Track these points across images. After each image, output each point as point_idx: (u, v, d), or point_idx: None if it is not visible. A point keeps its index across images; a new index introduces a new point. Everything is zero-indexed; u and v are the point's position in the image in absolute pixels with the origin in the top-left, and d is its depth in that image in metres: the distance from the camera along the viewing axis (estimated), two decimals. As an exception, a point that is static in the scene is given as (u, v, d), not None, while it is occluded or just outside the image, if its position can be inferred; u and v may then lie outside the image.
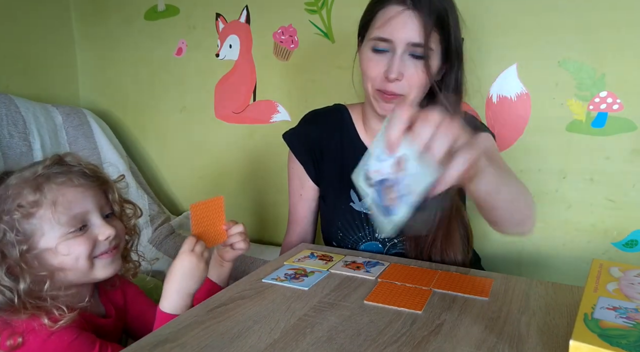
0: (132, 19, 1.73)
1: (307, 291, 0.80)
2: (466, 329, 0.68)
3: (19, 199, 0.76)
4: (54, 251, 0.77)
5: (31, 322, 0.74)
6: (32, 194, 0.76)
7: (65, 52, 1.83)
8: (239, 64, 1.57)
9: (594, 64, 1.12)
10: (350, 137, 1.05)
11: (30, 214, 0.76)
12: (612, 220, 1.16)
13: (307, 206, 1.11)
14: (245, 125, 1.60)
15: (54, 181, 0.79)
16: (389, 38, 0.88)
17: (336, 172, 1.04)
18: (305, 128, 1.08)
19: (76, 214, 0.79)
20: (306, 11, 1.42)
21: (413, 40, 0.86)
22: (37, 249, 0.77)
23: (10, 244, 0.74)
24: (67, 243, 0.78)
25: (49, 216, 0.77)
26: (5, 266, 0.74)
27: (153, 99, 1.77)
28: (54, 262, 0.78)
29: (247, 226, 1.70)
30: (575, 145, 1.16)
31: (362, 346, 0.63)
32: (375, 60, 0.90)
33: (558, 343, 0.64)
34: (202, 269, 0.83)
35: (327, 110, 1.10)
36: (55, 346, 0.74)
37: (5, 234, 0.75)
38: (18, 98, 1.48)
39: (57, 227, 0.77)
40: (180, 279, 0.81)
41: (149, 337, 0.66)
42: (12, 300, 0.73)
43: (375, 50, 0.91)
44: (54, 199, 0.77)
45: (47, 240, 0.77)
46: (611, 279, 0.65)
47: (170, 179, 1.82)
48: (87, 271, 0.80)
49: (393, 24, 0.87)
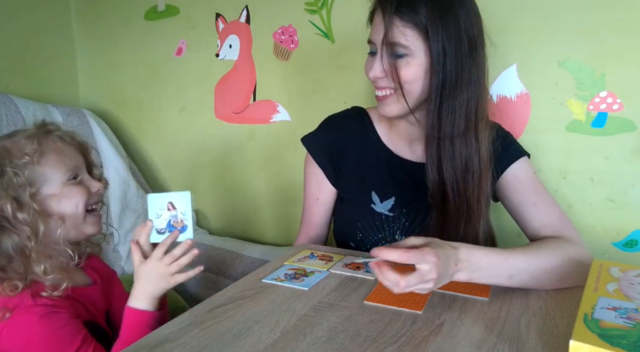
0: (132, 19, 1.73)
1: (307, 291, 0.80)
2: (466, 329, 0.68)
3: (23, 149, 0.83)
4: (57, 197, 0.84)
5: (23, 299, 0.77)
6: (34, 145, 0.83)
7: (65, 52, 1.83)
8: (239, 64, 1.57)
9: (594, 64, 1.12)
10: (370, 139, 1.06)
11: (34, 162, 0.82)
12: (612, 220, 1.16)
13: (324, 210, 1.10)
14: (245, 125, 1.60)
15: (50, 137, 0.87)
16: (371, 39, 0.93)
17: (357, 174, 1.05)
18: (324, 132, 1.09)
19: (73, 165, 0.87)
20: (306, 11, 1.42)
21: (389, 39, 0.88)
22: (40, 195, 0.83)
23: (21, 187, 0.80)
24: (69, 188, 0.85)
25: (52, 163, 0.84)
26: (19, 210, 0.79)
27: (153, 99, 1.77)
28: (56, 209, 0.84)
29: (247, 226, 1.71)
30: (575, 145, 1.16)
31: (362, 346, 0.63)
32: (369, 62, 0.95)
33: (558, 343, 0.64)
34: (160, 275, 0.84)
35: (345, 113, 1.10)
36: (42, 330, 0.76)
37: (14, 177, 0.80)
38: (18, 98, 1.48)
39: (59, 174, 0.85)
40: (144, 282, 0.84)
41: (149, 337, 0.66)
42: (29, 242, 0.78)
43: (369, 53, 0.95)
44: (55, 149, 0.86)
45: (50, 186, 0.84)
46: (611, 279, 0.65)
47: (170, 179, 1.82)
48: (80, 222, 0.87)
49: (375, 26, 0.92)
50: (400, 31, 0.86)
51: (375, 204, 1.03)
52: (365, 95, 1.37)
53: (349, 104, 1.15)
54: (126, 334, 0.82)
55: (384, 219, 1.02)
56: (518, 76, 1.19)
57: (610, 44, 1.09)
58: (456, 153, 0.92)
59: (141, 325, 0.82)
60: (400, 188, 1.02)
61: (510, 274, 0.79)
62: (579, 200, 1.18)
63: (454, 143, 0.91)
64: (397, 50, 0.88)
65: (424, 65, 0.88)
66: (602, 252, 1.18)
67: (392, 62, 0.89)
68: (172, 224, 0.88)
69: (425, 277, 0.69)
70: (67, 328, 0.78)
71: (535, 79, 1.18)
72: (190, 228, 0.88)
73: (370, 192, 1.03)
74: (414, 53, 0.88)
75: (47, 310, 0.78)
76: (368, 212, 1.02)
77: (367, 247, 1.03)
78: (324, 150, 1.07)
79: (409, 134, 1.02)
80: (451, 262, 0.73)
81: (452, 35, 0.87)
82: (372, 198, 1.03)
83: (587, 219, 1.18)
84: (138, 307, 0.83)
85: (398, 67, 0.89)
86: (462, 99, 0.89)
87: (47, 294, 0.79)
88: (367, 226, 1.02)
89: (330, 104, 1.40)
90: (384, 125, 1.06)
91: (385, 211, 1.02)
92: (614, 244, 1.17)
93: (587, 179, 1.17)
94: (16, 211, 0.79)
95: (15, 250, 0.78)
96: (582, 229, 1.18)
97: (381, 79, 0.91)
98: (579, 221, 1.18)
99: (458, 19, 0.87)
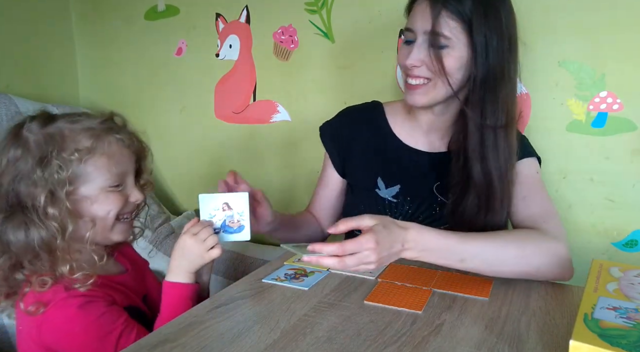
0: (132, 19, 1.72)
1: (307, 291, 0.80)
2: (466, 329, 0.68)
3: (76, 143, 0.80)
4: (92, 200, 0.81)
5: (57, 293, 0.77)
6: (89, 142, 0.80)
7: (65, 52, 1.82)
8: (239, 64, 1.57)
9: (594, 64, 1.12)
10: (382, 129, 1.09)
11: (83, 160, 0.79)
12: (612, 220, 1.16)
13: (328, 195, 1.16)
14: (245, 125, 1.60)
15: (111, 135, 0.84)
16: (411, 28, 0.93)
17: (365, 160, 1.08)
18: (337, 120, 1.14)
19: (120, 172, 0.84)
20: (306, 11, 1.42)
21: (426, 28, 0.90)
22: (76, 195, 0.80)
23: (61, 182, 0.77)
24: (105, 195, 0.82)
25: (99, 166, 0.81)
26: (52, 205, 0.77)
27: (153, 99, 1.77)
28: (87, 211, 0.81)
29: (247, 226, 1.70)
30: (575, 145, 1.16)
31: (362, 346, 0.63)
32: (404, 50, 0.95)
33: (558, 343, 0.64)
34: (196, 251, 0.84)
35: (362, 106, 1.15)
36: (82, 319, 0.76)
37: (58, 171, 0.77)
38: (18, 98, 1.48)
39: (102, 179, 0.81)
40: (178, 256, 0.85)
41: (150, 337, 0.66)
42: (55, 239, 0.76)
43: (405, 41, 0.96)
44: (108, 151, 0.82)
45: (89, 188, 0.81)
46: (611, 279, 0.65)
47: (170, 179, 1.82)
48: (108, 229, 0.84)
49: (415, 15, 0.93)
50: (446, 22, 0.89)
51: (380, 189, 1.05)
52: (365, 96, 1.36)
53: (349, 104, 1.15)
54: (167, 309, 0.83)
55: (387, 205, 1.04)
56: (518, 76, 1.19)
57: (610, 44, 1.09)
58: (500, 144, 0.94)
59: (180, 299, 0.83)
60: (407, 176, 1.04)
61: (461, 258, 0.81)
62: (579, 200, 1.18)
63: (497, 135, 0.94)
64: (439, 41, 0.89)
65: (463, 58, 0.91)
66: (602, 252, 1.18)
67: (434, 52, 0.90)
68: (227, 224, 0.90)
69: (364, 260, 0.73)
70: (107, 315, 0.78)
71: (535, 79, 1.18)
72: (247, 229, 0.91)
73: (377, 177, 1.06)
74: (454, 45, 0.90)
75: (84, 300, 0.77)
76: (372, 196, 1.05)
77: None
78: (332, 135, 1.12)
79: (431, 125, 1.04)
80: (397, 243, 0.76)
81: (494, 29, 0.90)
82: (378, 183, 1.05)
83: (587, 219, 1.18)
84: (176, 280, 0.84)
85: (436, 56, 0.90)
86: (504, 93, 0.93)
87: (79, 286, 0.78)
88: (369, 210, 1.02)
89: (330, 104, 1.40)
90: (398, 117, 1.09)
91: (389, 197, 1.04)
92: (614, 244, 1.17)
93: (587, 179, 1.17)
94: (48, 205, 0.76)
95: (40, 246, 0.76)
96: (582, 229, 1.18)
97: (418, 68, 0.92)
98: (579, 221, 1.18)
99: (500, 14, 0.90)
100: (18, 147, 0.78)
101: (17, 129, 0.81)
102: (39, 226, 0.76)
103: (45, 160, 0.77)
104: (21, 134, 0.80)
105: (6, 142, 0.80)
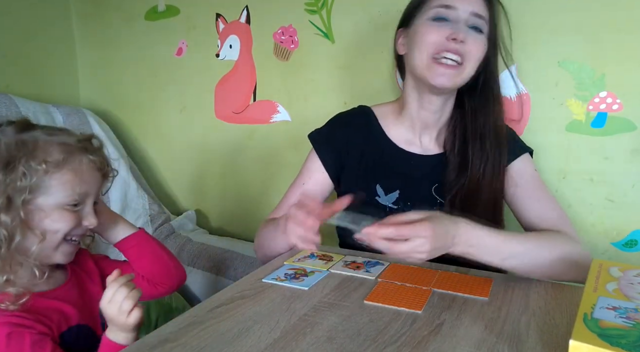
0: (133, 19, 1.73)
1: (307, 290, 0.80)
2: (466, 329, 0.68)
3: (47, 154, 0.78)
4: (45, 214, 0.78)
5: None
6: (60, 156, 0.78)
7: (66, 52, 1.82)
8: (239, 64, 1.57)
9: (594, 64, 1.12)
10: (375, 134, 1.07)
11: (49, 172, 0.77)
12: (612, 220, 1.16)
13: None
14: (245, 126, 1.60)
15: (83, 154, 0.82)
16: (452, 5, 0.91)
17: (362, 168, 1.06)
18: (330, 129, 1.10)
19: (82, 192, 0.81)
20: (306, 11, 1.42)
21: (476, 11, 0.89)
22: (31, 205, 0.77)
23: (21, 190, 0.75)
24: (60, 212, 0.79)
25: (63, 181, 0.78)
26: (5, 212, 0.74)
27: (153, 99, 1.77)
28: (37, 224, 0.78)
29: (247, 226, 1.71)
30: (575, 145, 1.16)
31: (362, 345, 0.63)
32: (437, 26, 0.92)
33: (558, 343, 0.64)
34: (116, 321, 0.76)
35: (352, 111, 1.12)
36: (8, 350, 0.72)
37: (21, 179, 0.75)
38: (18, 98, 1.48)
39: (62, 195, 0.79)
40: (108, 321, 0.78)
41: (150, 337, 0.66)
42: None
43: (436, 19, 0.92)
44: (76, 169, 0.80)
45: (46, 200, 0.78)
46: (611, 279, 0.65)
47: (170, 179, 1.82)
48: (53, 247, 0.80)
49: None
50: (485, 6, 0.91)
51: (380, 196, 1.04)
52: (365, 96, 1.37)
53: (349, 104, 1.15)
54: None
55: (388, 212, 1.03)
56: (518, 76, 1.19)
57: (610, 44, 1.10)
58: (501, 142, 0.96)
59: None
60: (405, 181, 1.03)
61: (503, 257, 0.82)
62: (579, 200, 1.18)
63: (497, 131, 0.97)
64: (481, 24, 0.91)
65: (485, 46, 0.93)
66: (601, 252, 1.18)
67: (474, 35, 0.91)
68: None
69: (417, 249, 0.73)
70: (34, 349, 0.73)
71: (535, 79, 1.18)
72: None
73: (375, 185, 1.04)
74: (484, 32, 0.92)
75: (9, 329, 0.72)
76: (372, 204, 1.04)
77: None
78: (328, 145, 1.08)
79: (425, 124, 1.04)
80: (449, 236, 0.77)
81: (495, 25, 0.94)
82: (377, 191, 1.04)
83: (587, 219, 1.18)
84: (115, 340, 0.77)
85: (480, 40, 0.91)
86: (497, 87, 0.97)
87: (7, 305, 0.73)
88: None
89: (330, 104, 1.40)
90: (389, 121, 1.08)
91: (390, 204, 1.03)
92: (614, 244, 1.17)
93: (587, 179, 1.17)
94: (2, 211, 0.74)
95: None
96: (582, 229, 1.18)
97: (462, 44, 0.90)
98: (578, 221, 1.18)
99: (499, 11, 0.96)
100: None
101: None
102: None
103: (11, 166, 0.75)
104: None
105: None
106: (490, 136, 0.97)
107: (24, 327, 0.74)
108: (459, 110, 1.03)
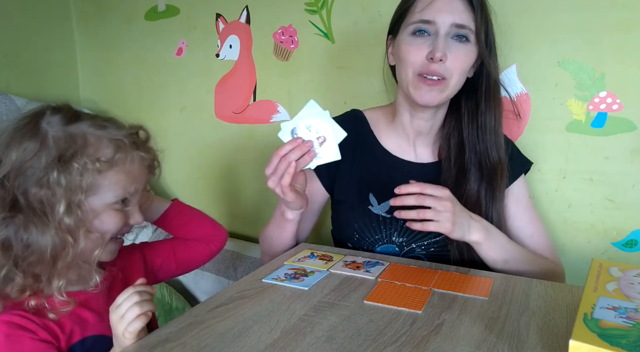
0: (133, 19, 1.73)
1: (307, 290, 0.80)
2: (466, 329, 0.68)
3: (99, 152, 0.73)
4: (95, 214, 0.73)
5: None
6: (111, 154, 0.74)
7: (66, 52, 1.83)
8: (239, 64, 1.57)
9: (594, 64, 1.12)
10: (368, 141, 1.06)
11: (100, 171, 0.72)
12: (612, 220, 1.16)
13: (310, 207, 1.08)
14: (245, 125, 1.60)
15: (135, 151, 0.77)
16: (431, 19, 0.88)
17: (355, 176, 1.05)
18: None
19: (130, 191, 0.77)
20: (306, 11, 1.42)
21: (457, 21, 0.86)
22: (84, 206, 0.71)
23: (78, 190, 0.70)
24: (109, 212, 0.75)
25: (114, 181, 0.74)
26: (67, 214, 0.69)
27: (153, 99, 1.77)
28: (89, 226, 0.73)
29: (247, 226, 1.71)
30: (575, 145, 1.16)
31: (362, 345, 0.63)
32: (417, 44, 0.90)
33: (558, 343, 0.64)
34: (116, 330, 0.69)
35: (343, 117, 1.09)
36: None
37: (77, 178, 0.70)
38: (18, 98, 1.48)
39: (112, 195, 0.74)
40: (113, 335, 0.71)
41: (150, 337, 0.66)
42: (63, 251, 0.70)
43: (416, 32, 0.90)
44: (127, 168, 0.75)
45: (96, 200, 0.73)
46: (611, 279, 0.65)
47: (170, 179, 1.82)
48: (100, 246, 0.75)
49: (436, 6, 0.88)
50: (467, 14, 0.88)
51: (373, 205, 1.03)
52: (365, 96, 1.37)
53: (349, 104, 1.15)
54: None
55: (381, 221, 1.02)
56: (518, 76, 1.19)
57: (610, 44, 1.09)
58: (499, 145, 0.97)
59: None
60: None
61: (506, 258, 0.87)
62: (579, 200, 1.18)
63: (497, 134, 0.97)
64: (465, 33, 0.89)
65: (474, 54, 0.91)
66: (601, 252, 1.18)
67: (457, 46, 0.89)
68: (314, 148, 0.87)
69: (440, 207, 0.80)
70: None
71: (535, 79, 1.18)
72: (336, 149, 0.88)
73: (368, 193, 1.03)
74: (471, 40, 0.90)
75: (11, 331, 0.67)
76: (365, 213, 1.02)
77: (363, 248, 1.03)
78: None
79: (419, 132, 1.03)
80: (465, 213, 0.84)
81: (490, 28, 0.92)
82: (370, 200, 1.03)
83: (587, 219, 1.18)
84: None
85: (463, 52, 0.89)
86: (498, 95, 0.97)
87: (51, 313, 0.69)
88: (364, 227, 1.02)
89: (330, 104, 1.40)
90: (381, 126, 1.07)
91: (383, 213, 1.02)
92: (614, 244, 1.17)
93: (587, 179, 1.17)
94: (65, 215, 0.69)
95: (52, 255, 0.69)
96: (582, 229, 1.18)
97: (442, 62, 0.87)
98: (578, 221, 1.18)
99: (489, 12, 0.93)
100: (34, 140, 0.70)
101: (35, 120, 0.72)
102: (53, 233, 0.69)
103: (64, 162, 0.69)
104: (39, 126, 0.71)
105: (20, 132, 0.70)
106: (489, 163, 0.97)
107: (25, 331, 0.68)
108: (454, 115, 1.02)
